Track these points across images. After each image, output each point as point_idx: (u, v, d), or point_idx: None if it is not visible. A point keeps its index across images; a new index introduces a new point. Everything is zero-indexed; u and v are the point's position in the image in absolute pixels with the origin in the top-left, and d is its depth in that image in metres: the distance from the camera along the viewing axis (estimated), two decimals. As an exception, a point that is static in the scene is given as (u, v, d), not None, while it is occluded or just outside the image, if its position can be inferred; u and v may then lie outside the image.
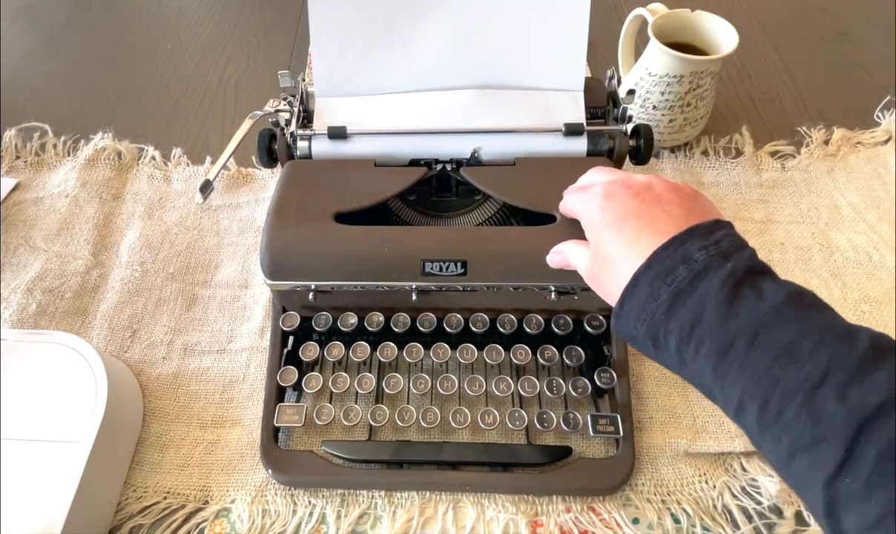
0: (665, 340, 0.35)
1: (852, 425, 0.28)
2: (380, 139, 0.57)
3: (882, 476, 0.27)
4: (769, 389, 0.30)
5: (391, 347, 0.54)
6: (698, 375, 0.34)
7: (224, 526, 0.50)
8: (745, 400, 0.31)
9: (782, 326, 0.31)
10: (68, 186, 0.74)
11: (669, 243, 0.35)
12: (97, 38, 0.99)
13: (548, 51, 0.58)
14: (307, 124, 0.59)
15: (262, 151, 0.59)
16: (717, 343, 0.32)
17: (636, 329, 0.36)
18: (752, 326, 0.32)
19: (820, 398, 0.29)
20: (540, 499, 0.50)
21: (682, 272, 0.34)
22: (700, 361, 0.33)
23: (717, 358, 0.32)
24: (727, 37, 0.69)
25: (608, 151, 0.57)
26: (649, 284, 0.35)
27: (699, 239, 0.35)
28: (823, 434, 0.28)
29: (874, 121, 0.81)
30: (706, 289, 0.33)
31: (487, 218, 0.57)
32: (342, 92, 0.59)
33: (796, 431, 0.30)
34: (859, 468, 0.27)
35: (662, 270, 0.35)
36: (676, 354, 0.34)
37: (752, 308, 0.32)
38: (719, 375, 0.32)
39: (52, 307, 0.63)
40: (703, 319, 0.33)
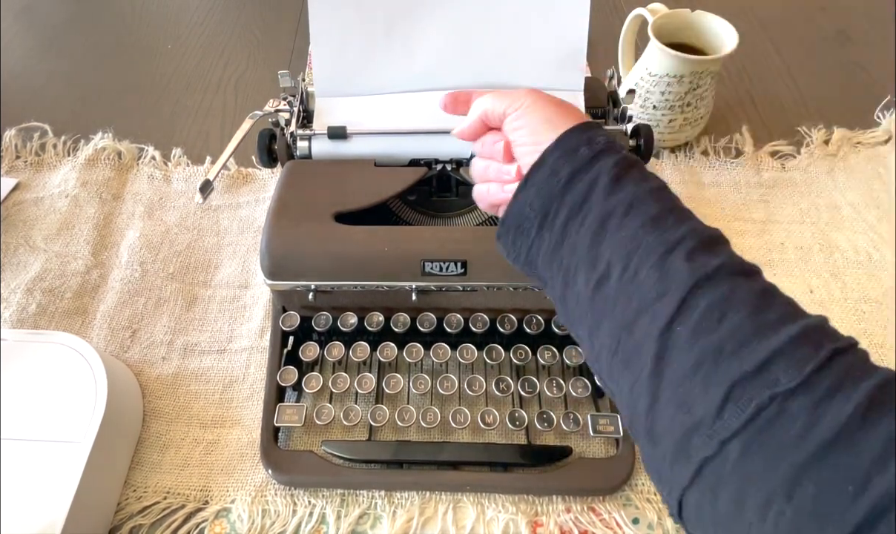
0: (555, 215, 0.38)
1: (691, 280, 0.31)
2: (380, 139, 0.57)
3: (708, 323, 0.30)
4: (632, 251, 0.34)
5: (391, 347, 0.54)
6: (574, 250, 0.37)
7: (224, 526, 0.50)
8: (612, 263, 0.34)
9: (654, 202, 0.35)
10: (68, 186, 0.74)
11: (576, 128, 0.39)
12: (97, 38, 0.99)
13: (548, 51, 0.58)
14: (307, 124, 0.59)
15: (262, 151, 0.59)
16: (599, 213, 0.36)
17: (531, 207, 0.39)
18: (630, 200, 0.35)
19: (671, 259, 0.32)
20: (540, 499, 0.50)
21: (583, 152, 0.37)
22: (582, 232, 0.36)
23: (597, 226, 0.35)
24: (727, 37, 0.69)
25: None
26: (553, 163, 0.38)
27: (600, 130, 0.39)
28: (667, 289, 0.32)
29: (874, 121, 0.81)
30: (601, 167, 0.37)
31: (487, 218, 0.57)
32: (342, 92, 0.59)
33: (646, 287, 0.33)
34: (690, 317, 0.30)
35: (567, 150, 0.38)
36: (560, 230, 0.37)
37: (635, 186, 0.36)
38: (595, 242, 0.35)
39: (52, 307, 0.63)
40: (593, 192, 0.36)
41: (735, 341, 0.29)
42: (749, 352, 0.28)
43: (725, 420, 0.28)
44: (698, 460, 0.28)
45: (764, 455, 0.26)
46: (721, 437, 0.28)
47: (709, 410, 0.28)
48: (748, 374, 0.28)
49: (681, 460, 0.29)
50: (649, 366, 0.31)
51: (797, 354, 0.28)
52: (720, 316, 0.30)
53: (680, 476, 0.30)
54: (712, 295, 0.31)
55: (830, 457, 0.25)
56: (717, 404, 0.28)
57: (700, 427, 0.28)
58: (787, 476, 0.25)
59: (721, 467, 0.28)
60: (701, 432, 0.28)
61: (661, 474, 0.31)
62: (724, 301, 0.30)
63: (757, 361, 0.28)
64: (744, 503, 0.27)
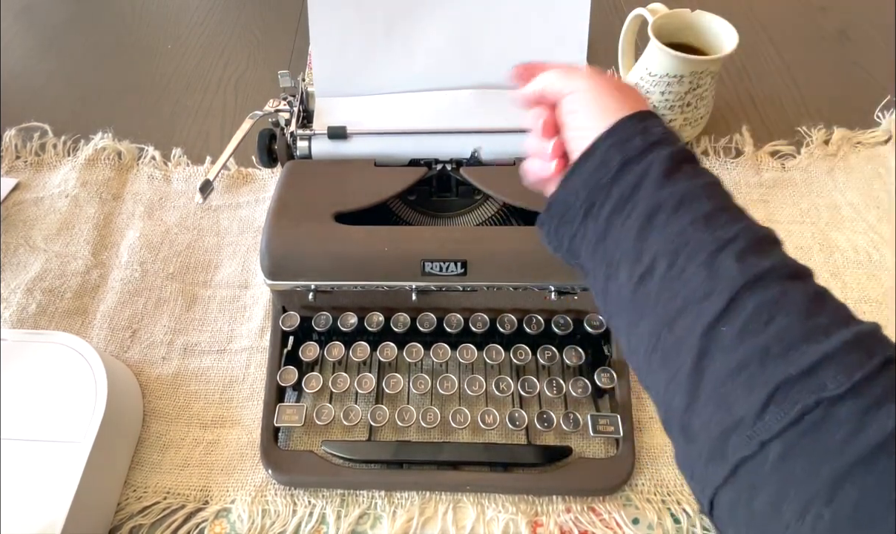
0: (601, 206, 0.36)
1: (741, 280, 0.30)
2: (380, 139, 0.57)
3: (756, 324, 0.29)
4: (680, 248, 0.33)
5: (391, 347, 0.54)
6: (619, 242, 0.36)
7: (224, 526, 0.50)
8: (658, 258, 0.34)
9: (707, 199, 0.34)
10: (68, 186, 0.74)
11: (631, 117, 0.37)
12: (97, 38, 0.99)
13: (548, 51, 0.58)
14: (307, 124, 0.59)
15: (262, 151, 0.59)
16: (647, 206, 0.35)
17: (577, 196, 0.37)
18: (681, 195, 0.34)
19: (721, 258, 0.32)
20: (540, 499, 0.50)
21: (636, 142, 0.36)
22: (628, 224, 0.35)
23: (644, 220, 0.34)
24: (727, 37, 0.69)
25: None
26: (604, 152, 0.37)
27: (657, 120, 0.38)
28: (714, 288, 0.31)
29: (874, 121, 0.81)
30: (653, 159, 0.35)
31: (487, 218, 0.57)
32: (342, 92, 0.59)
33: (692, 285, 0.32)
34: (737, 317, 0.30)
35: (620, 139, 0.36)
36: (605, 221, 0.36)
37: (687, 181, 0.35)
38: (641, 236, 0.34)
39: (52, 307, 0.63)
40: (642, 185, 0.35)
41: (783, 344, 0.29)
42: (797, 355, 0.28)
43: (767, 422, 0.27)
44: (735, 459, 0.28)
45: (806, 459, 0.26)
46: (761, 438, 0.27)
47: (750, 410, 0.28)
48: (794, 377, 0.27)
49: (716, 459, 0.29)
50: (689, 364, 0.31)
51: (847, 360, 0.27)
52: (768, 318, 0.30)
53: (714, 475, 0.29)
54: (761, 296, 0.30)
55: (875, 463, 0.25)
56: (760, 405, 0.28)
57: (739, 427, 0.28)
58: (829, 480, 0.25)
59: (759, 468, 0.27)
60: (740, 431, 0.28)
61: (695, 471, 0.31)
62: (774, 303, 0.30)
63: (804, 364, 0.27)
64: (781, 505, 0.26)
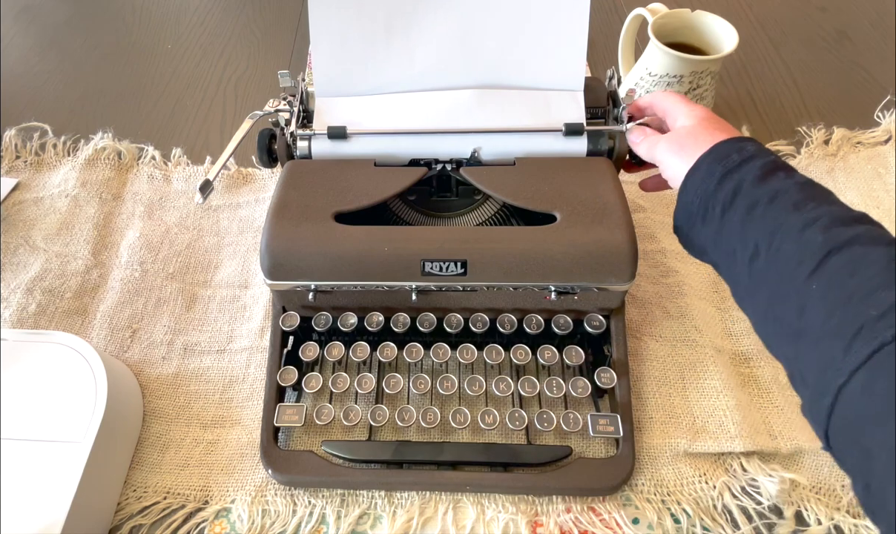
0: (713, 209, 0.44)
1: (827, 247, 0.36)
2: (380, 139, 0.57)
3: (841, 279, 0.35)
4: (775, 231, 0.39)
5: (391, 347, 0.54)
6: (731, 235, 0.43)
7: (224, 526, 0.50)
8: (759, 243, 0.40)
9: (797, 192, 0.40)
10: (68, 185, 0.74)
11: (729, 140, 0.45)
12: (97, 38, 0.99)
13: (548, 51, 0.58)
14: (307, 124, 0.59)
15: (262, 151, 0.59)
16: (747, 202, 0.41)
17: (693, 204, 0.45)
18: (775, 191, 0.41)
19: (809, 232, 0.38)
20: (540, 499, 0.50)
21: (734, 157, 0.44)
22: (735, 219, 0.42)
23: (745, 214, 0.41)
24: (727, 37, 0.69)
25: (608, 151, 0.57)
26: (708, 167, 0.45)
27: (753, 141, 0.45)
28: (804, 257, 0.37)
29: (874, 121, 0.81)
30: (750, 168, 0.43)
31: (487, 218, 0.57)
32: (342, 92, 0.59)
33: (787, 258, 0.38)
34: (824, 275, 0.36)
35: (719, 156, 0.44)
36: (720, 218, 0.43)
37: (780, 181, 0.41)
38: (745, 227, 0.41)
39: (52, 307, 0.63)
40: (741, 188, 0.42)
41: (864, 292, 0.33)
42: (876, 299, 0.33)
43: (854, 354, 0.32)
44: (833, 390, 0.33)
45: (886, 382, 0.31)
46: (850, 367, 0.32)
47: (840, 347, 0.33)
48: (875, 317, 0.32)
49: (822, 395, 0.34)
50: (792, 320, 0.37)
51: None
52: (852, 273, 0.35)
53: (822, 409, 0.34)
54: (846, 257, 0.35)
55: None
56: (847, 341, 0.33)
57: (834, 362, 0.33)
58: None
59: (852, 395, 0.32)
60: (835, 366, 0.33)
61: (812, 413, 0.35)
62: (857, 262, 0.35)
63: (884, 306, 0.32)
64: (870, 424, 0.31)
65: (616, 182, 0.53)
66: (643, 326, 0.61)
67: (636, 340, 0.60)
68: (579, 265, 0.49)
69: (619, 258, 0.49)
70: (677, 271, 0.64)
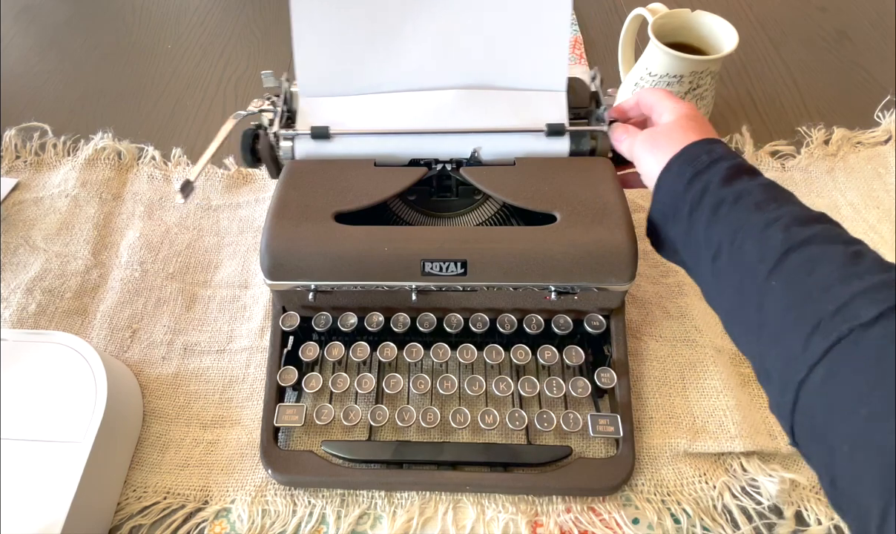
0: (682, 209, 0.45)
1: (786, 245, 0.37)
2: (363, 139, 0.57)
3: (799, 276, 0.36)
4: (738, 230, 0.40)
5: (391, 347, 0.54)
6: (697, 235, 0.44)
7: (224, 526, 0.50)
8: (722, 241, 0.41)
9: (760, 193, 0.41)
10: (68, 185, 0.74)
11: (700, 141, 0.47)
12: (97, 38, 0.99)
13: (531, 52, 0.58)
14: (291, 125, 0.59)
15: (246, 151, 0.59)
16: (712, 202, 0.43)
17: (664, 204, 0.47)
18: (739, 192, 0.42)
19: (770, 231, 0.39)
20: (540, 499, 0.50)
21: (703, 158, 0.45)
22: (702, 219, 0.43)
23: (710, 214, 0.42)
24: (727, 37, 0.69)
25: (590, 151, 0.57)
26: (678, 167, 0.46)
27: (722, 144, 0.46)
28: (765, 254, 0.38)
29: (874, 121, 0.81)
30: (717, 169, 0.44)
31: (487, 218, 0.57)
32: (326, 92, 0.59)
33: (748, 256, 0.39)
34: (783, 272, 0.37)
35: (690, 157, 0.46)
36: (688, 218, 0.44)
37: (745, 183, 0.43)
38: (710, 227, 0.42)
39: (52, 307, 0.63)
40: (709, 189, 0.43)
41: (822, 288, 0.34)
42: (834, 295, 0.33)
43: (812, 350, 0.33)
44: (795, 385, 0.34)
45: (844, 375, 0.31)
46: (809, 362, 0.33)
47: (799, 342, 0.34)
48: (831, 311, 0.33)
49: (785, 390, 0.35)
50: (754, 317, 0.38)
51: (877, 296, 0.32)
52: (810, 270, 0.36)
53: (786, 404, 0.35)
54: (805, 255, 0.36)
55: None
56: (806, 337, 0.33)
57: (794, 358, 0.34)
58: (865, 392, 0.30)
59: (811, 389, 0.33)
60: (794, 361, 0.34)
61: (778, 409, 0.36)
62: (815, 259, 0.36)
63: (840, 301, 0.33)
64: (833, 419, 0.32)
65: (616, 182, 0.53)
66: (643, 326, 0.61)
67: (636, 340, 0.60)
68: (579, 265, 0.49)
69: (619, 258, 0.49)
70: (677, 271, 0.64)
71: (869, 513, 0.29)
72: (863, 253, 0.36)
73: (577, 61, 0.91)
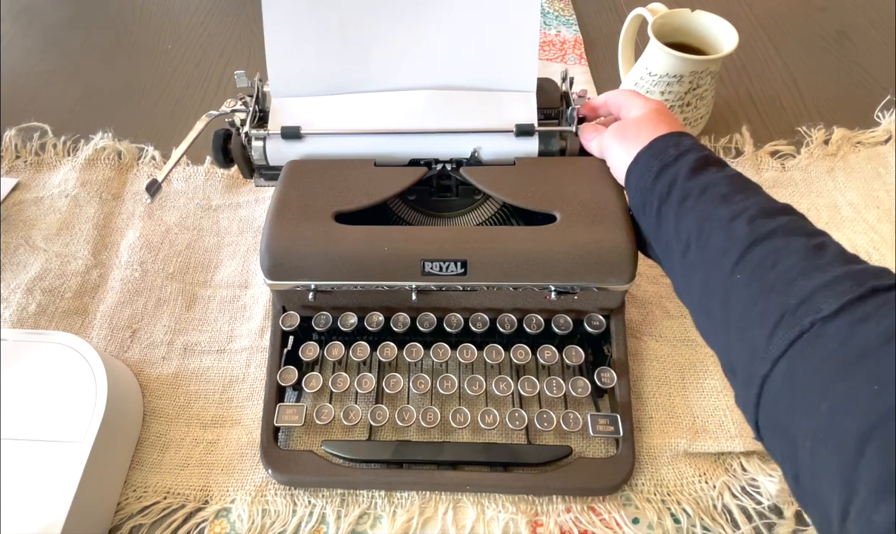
0: (651, 203, 0.45)
1: (751, 238, 0.37)
2: (334, 139, 0.57)
3: (762, 269, 0.36)
4: (704, 223, 0.40)
5: (391, 347, 0.54)
6: (667, 228, 0.43)
7: (224, 526, 0.50)
8: (690, 234, 0.41)
9: (726, 185, 0.42)
10: (68, 185, 0.74)
11: (667, 134, 0.46)
12: (97, 38, 0.99)
13: (500, 53, 0.58)
14: (263, 124, 0.59)
15: (217, 151, 0.59)
16: (679, 195, 0.43)
17: (633, 199, 0.47)
18: (705, 184, 0.42)
19: (735, 224, 0.39)
20: (540, 499, 0.50)
21: (671, 151, 0.45)
22: (670, 213, 0.43)
23: (677, 206, 0.42)
24: (727, 37, 0.69)
25: (560, 151, 0.57)
26: (646, 162, 0.46)
27: (689, 137, 0.46)
28: (730, 247, 0.38)
29: (874, 121, 0.81)
30: (685, 162, 0.44)
31: (487, 218, 0.57)
32: (298, 92, 0.59)
33: (714, 248, 0.39)
34: (748, 265, 0.37)
35: (657, 150, 0.46)
36: (657, 212, 0.44)
37: (711, 175, 0.43)
38: (678, 219, 0.42)
39: (52, 307, 0.63)
40: (676, 181, 0.43)
41: (785, 281, 0.34)
42: (796, 288, 0.33)
43: (775, 343, 0.33)
44: (758, 379, 0.33)
45: (805, 368, 0.31)
46: (772, 356, 0.33)
47: (763, 337, 0.34)
48: (794, 305, 0.33)
49: (749, 384, 0.34)
50: (719, 311, 0.38)
51: (839, 288, 0.32)
52: (773, 263, 0.35)
53: (750, 398, 0.34)
54: (768, 247, 0.36)
55: (859, 366, 0.29)
56: (769, 331, 0.33)
57: (757, 352, 0.34)
58: (826, 384, 0.30)
59: (774, 383, 0.33)
60: (758, 355, 0.34)
61: (743, 403, 0.36)
62: (778, 252, 0.36)
63: (802, 294, 0.33)
64: (795, 412, 0.32)
65: (617, 182, 0.53)
66: (643, 326, 0.61)
67: (636, 340, 0.60)
68: (579, 265, 0.49)
69: (619, 258, 0.49)
70: (677, 271, 0.64)
71: (830, 508, 0.29)
72: (826, 245, 0.36)
73: (577, 61, 0.91)
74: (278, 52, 0.58)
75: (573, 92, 0.60)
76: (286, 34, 0.58)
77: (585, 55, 0.91)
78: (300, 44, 0.58)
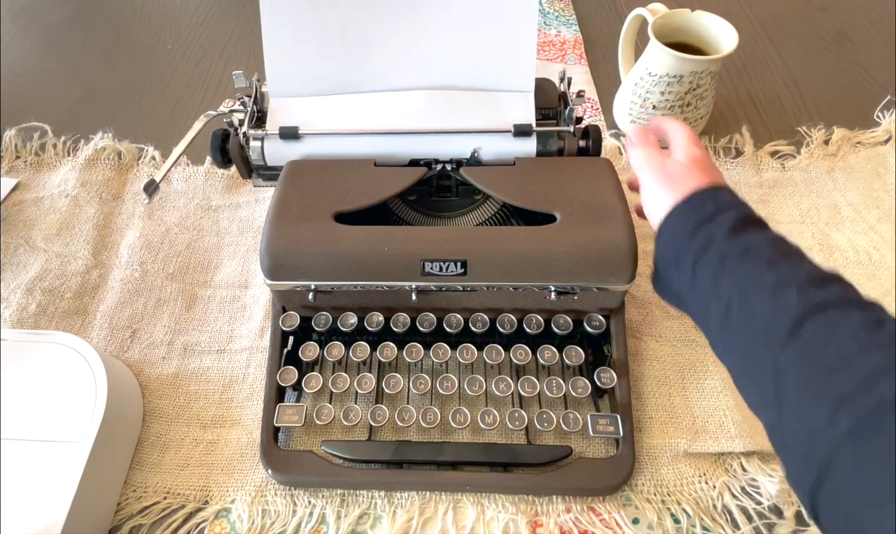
0: (685, 260, 0.43)
1: (801, 309, 0.36)
2: (333, 139, 0.57)
3: (816, 344, 0.34)
4: (747, 287, 0.39)
5: (391, 347, 0.54)
6: (703, 287, 0.42)
7: (224, 526, 0.50)
8: (732, 296, 0.39)
9: (770, 249, 0.40)
10: (68, 186, 0.74)
11: (706, 189, 0.45)
12: (97, 38, 0.99)
13: (498, 53, 0.58)
14: (261, 125, 0.59)
15: (216, 151, 0.59)
16: (718, 254, 0.41)
17: (667, 250, 0.45)
18: (747, 245, 0.40)
19: (784, 293, 0.37)
20: (540, 499, 0.50)
21: (709, 206, 0.43)
22: (707, 271, 0.41)
23: (716, 265, 0.41)
24: (727, 37, 0.69)
25: (558, 151, 0.57)
26: (683, 214, 0.44)
27: (729, 192, 0.45)
28: (779, 317, 0.36)
29: (874, 121, 0.81)
30: (724, 220, 0.42)
31: (487, 218, 0.57)
32: (296, 92, 0.59)
33: (761, 316, 0.37)
34: (800, 339, 0.35)
35: (695, 204, 0.44)
36: (691, 270, 0.42)
37: (752, 236, 0.41)
38: (717, 278, 0.40)
39: (52, 307, 0.63)
40: (714, 239, 0.41)
41: (841, 360, 0.32)
42: (854, 368, 0.32)
43: (836, 428, 0.31)
44: (819, 462, 0.31)
45: (871, 454, 0.29)
46: (835, 439, 0.31)
47: (821, 419, 0.32)
48: (853, 388, 0.31)
49: (806, 466, 0.33)
50: (770, 385, 0.35)
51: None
52: (827, 338, 0.34)
53: (807, 481, 0.33)
54: (821, 321, 0.35)
55: None
56: (828, 414, 0.31)
57: (815, 433, 0.32)
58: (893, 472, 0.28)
59: (838, 469, 0.31)
60: (816, 437, 0.32)
61: (797, 482, 0.34)
62: (832, 326, 0.34)
63: (863, 376, 0.31)
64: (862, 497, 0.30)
65: (616, 182, 0.53)
66: (643, 326, 0.61)
67: (636, 340, 0.60)
68: (579, 265, 0.49)
69: (619, 258, 0.49)
70: (677, 271, 0.64)
71: None
72: (882, 322, 0.34)
73: (577, 61, 0.91)
74: (277, 52, 0.58)
75: (571, 92, 0.60)
76: (285, 34, 0.58)
77: (585, 55, 0.91)
78: (299, 44, 0.58)
